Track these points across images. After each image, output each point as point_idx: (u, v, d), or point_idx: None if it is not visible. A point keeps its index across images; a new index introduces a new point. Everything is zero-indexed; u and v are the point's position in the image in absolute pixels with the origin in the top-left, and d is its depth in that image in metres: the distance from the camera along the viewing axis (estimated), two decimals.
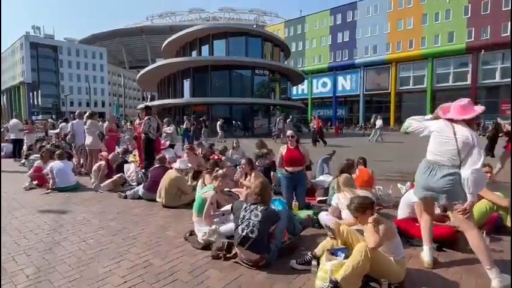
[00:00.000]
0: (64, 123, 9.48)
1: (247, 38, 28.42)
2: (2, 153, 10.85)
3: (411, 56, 42.15)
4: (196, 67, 28.16)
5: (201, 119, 20.55)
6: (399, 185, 5.04)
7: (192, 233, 3.34)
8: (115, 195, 5.33)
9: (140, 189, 5.09)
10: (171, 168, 5.02)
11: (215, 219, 3.29)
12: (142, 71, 35.10)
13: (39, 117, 52.85)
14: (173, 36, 31.69)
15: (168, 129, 8.44)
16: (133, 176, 6.19)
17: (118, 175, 6.03)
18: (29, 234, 3.55)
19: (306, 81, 46.16)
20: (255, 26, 49.68)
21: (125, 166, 6.49)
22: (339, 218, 3.28)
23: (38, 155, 7.84)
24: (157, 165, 5.26)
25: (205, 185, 4.28)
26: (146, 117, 6.38)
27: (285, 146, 4.31)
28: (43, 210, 4.51)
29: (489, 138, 7.32)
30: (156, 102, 33.99)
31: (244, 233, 2.55)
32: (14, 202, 4.97)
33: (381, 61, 44.81)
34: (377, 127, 18.29)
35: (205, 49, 29.72)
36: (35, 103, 56.23)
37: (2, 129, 12.27)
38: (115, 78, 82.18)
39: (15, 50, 66.70)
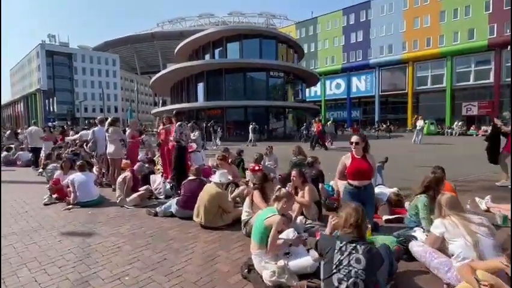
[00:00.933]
0: (84, 131, 9.01)
1: (261, 39, 27.89)
2: (19, 162, 10.54)
3: (429, 55, 40.69)
4: (209, 70, 27.78)
5: (209, 123, 20.13)
6: (477, 199, 4.24)
7: (251, 268, 2.66)
8: (143, 212, 4.71)
9: (172, 205, 4.45)
10: (208, 181, 4.38)
11: (280, 252, 2.61)
12: (156, 76, 35.02)
13: (55, 123, 53.63)
14: (186, 40, 31.46)
15: (192, 135, 7.83)
16: (161, 189, 5.60)
17: (144, 187, 5.44)
18: (51, 267, 2.94)
19: (319, 83, 45.26)
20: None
21: (151, 177, 5.91)
22: (441, 250, 2.54)
23: (57, 164, 7.37)
24: (191, 178, 4.60)
25: (253, 203, 3.60)
26: (177, 124, 5.78)
27: (349, 154, 3.59)
28: (66, 232, 3.92)
29: (488, 139, 6.32)
30: (169, 107, 33.77)
31: (344, 287, 1.85)
32: (32, 221, 4.42)
33: (397, 61, 43.50)
34: (418, 128, 17.53)
35: (218, 52, 29.34)
36: (51, 110, 57.25)
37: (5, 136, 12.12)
38: (127, 83, 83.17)
39: (31, 59, 68.24)
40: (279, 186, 3.46)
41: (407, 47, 42.97)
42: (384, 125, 33.10)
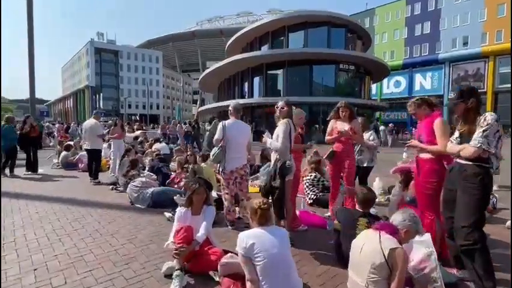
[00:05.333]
0: (161, 144, 6.30)
1: (329, 28, 24.45)
2: (81, 165, 8.20)
3: None
4: (270, 63, 24.88)
5: (215, 121, 17.62)
6: None
7: None
8: None
9: None
10: None
11: None
12: (206, 71, 33.04)
13: (102, 119, 54.34)
14: (240, 32, 28.95)
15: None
16: None
17: None
18: None
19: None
20: None
21: None
22: None
23: (145, 179, 4.70)
24: None
25: None
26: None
27: None
28: None
29: None
30: (219, 104, 31.49)
31: None
32: None
33: (474, 55, 37.63)
34: None
35: (278, 44, 26.34)
36: (98, 106, 58.34)
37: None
38: (169, 81, 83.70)
39: (81, 56, 70.58)
40: None
41: (488, 39, 36.94)
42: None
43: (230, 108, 3.67)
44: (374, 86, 45.80)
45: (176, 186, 5.68)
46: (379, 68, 27.30)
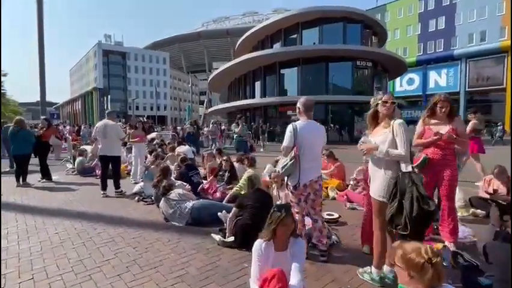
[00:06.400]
0: (185, 147, 5.54)
1: (345, 24, 23.54)
2: (98, 171, 7.50)
3: None
4: (283, 61, 24.08)
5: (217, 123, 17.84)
6: None
7: None
8: None
9: None
10: None
11: None
12: (216, 71, 32.42)
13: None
14: (251, 31, 28.25)
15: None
16: None
17: None
18: None
19: None
20: None
21: None
22: None
23: (182, 191, 3.98)
24: None
25: None
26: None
27: None
28: None
29: None
30: (228, 104, 30.85)
31: None
32: None
33: (492, 50, 36.21)
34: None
35: (290, 41, 25.50)
36: (106, 107, 58.16)
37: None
38: (176, 82, 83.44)
39: (89, 58, 70.61)
40: None
41: (507, 34, 35.50)
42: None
43: (298, 105, 2.89)
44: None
45: (211, 197, 4.95)
46: (396, 65, 26.31)
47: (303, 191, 2.80)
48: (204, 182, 5.50)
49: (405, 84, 45.02)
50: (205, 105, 74.39)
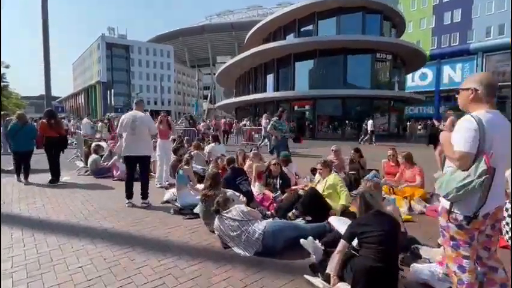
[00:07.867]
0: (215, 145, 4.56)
1: (364, 14, 22.29)
2: (117, 172, 6.49)
3: None
4: (298, 53, 22.90)
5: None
6: None
7: None
8: None
9: None
10: None
11: None
12: (225, 65, 31.29)
13: (113, 115, 53.23)
14: (263, 21, 27.03)
15: None
16: None
17: None
18: None
19: None
20: None
21: None
22: None
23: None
24: None
25: None
26: None
27: None
28: None
29: None
30: (238, 99, 29.74)
31: None
32: None
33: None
34: None
35: (305, 33, 24.28)
36: (110, 102, 57.16)
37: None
38: (180, 76, 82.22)
39: (92, 51, 69.32)
40: None
41: None
42: None
43: (474, 85, 1.80)
44: None
45: (269, 212, 3.92)
46: (416, 58, 25.07)
47: (481, 224, 1.75)
48: (253, 188, 4.47)
49: (417, 79, 43.61)
50: (208, 99, 73.35)
